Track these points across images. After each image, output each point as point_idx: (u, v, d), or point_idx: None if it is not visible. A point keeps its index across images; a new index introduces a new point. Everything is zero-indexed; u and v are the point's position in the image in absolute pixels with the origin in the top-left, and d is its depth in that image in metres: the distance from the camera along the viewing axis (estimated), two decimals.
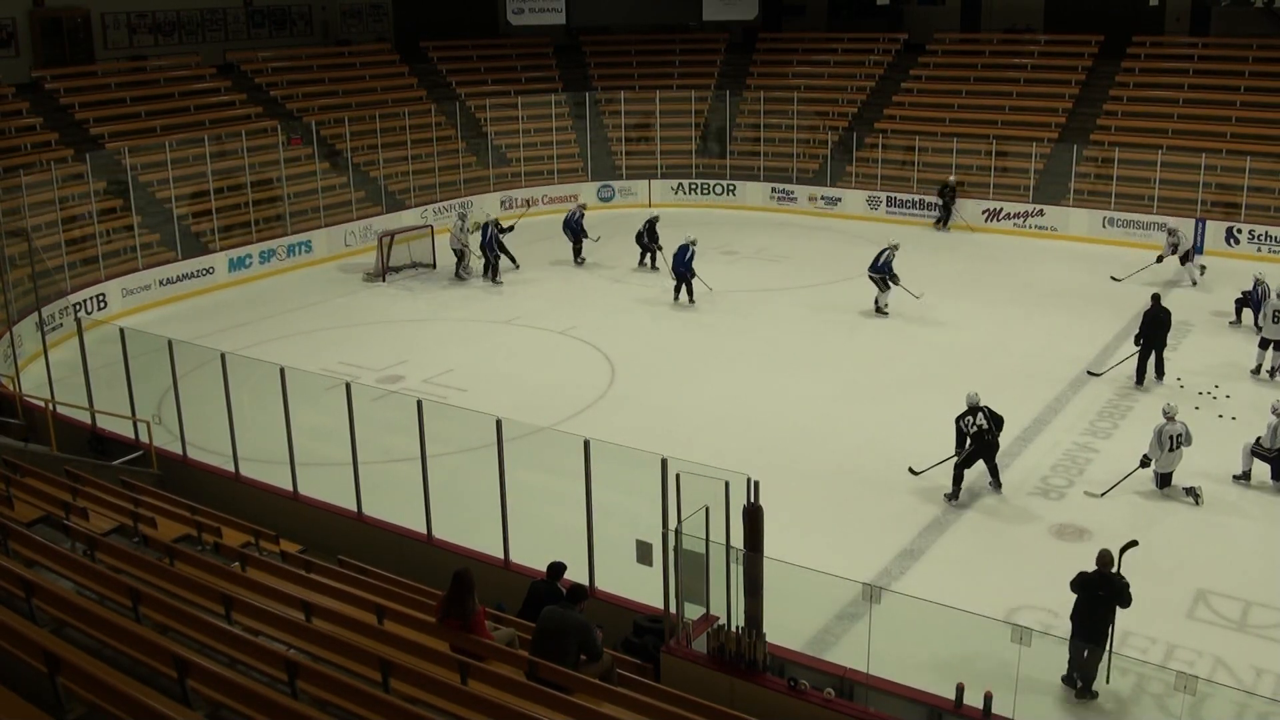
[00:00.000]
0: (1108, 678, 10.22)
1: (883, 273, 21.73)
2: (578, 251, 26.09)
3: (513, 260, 25.28)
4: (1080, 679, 10.27)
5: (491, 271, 24.57)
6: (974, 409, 14.36)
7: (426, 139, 31.00)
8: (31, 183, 22.13)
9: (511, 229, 25.23)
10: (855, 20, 36.84)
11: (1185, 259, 23.31)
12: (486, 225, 24.78)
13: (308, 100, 30.63)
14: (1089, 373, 18.43)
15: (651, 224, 25.42)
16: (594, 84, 35.16)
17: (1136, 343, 17.86)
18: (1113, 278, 19.41)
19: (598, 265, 25.98)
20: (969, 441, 14.24)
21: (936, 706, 8.59)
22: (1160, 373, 17.91)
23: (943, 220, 28.91)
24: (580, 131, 33.60)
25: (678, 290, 22.80)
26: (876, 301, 21.98)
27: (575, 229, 26.06)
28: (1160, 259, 22.21)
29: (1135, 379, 17.82)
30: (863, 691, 8.76)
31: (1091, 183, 28.56)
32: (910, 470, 14.95)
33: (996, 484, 14.55)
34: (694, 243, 22.72)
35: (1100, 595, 10.25)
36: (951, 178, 29.02)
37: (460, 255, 25.10)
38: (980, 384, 15.84)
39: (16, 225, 20.49)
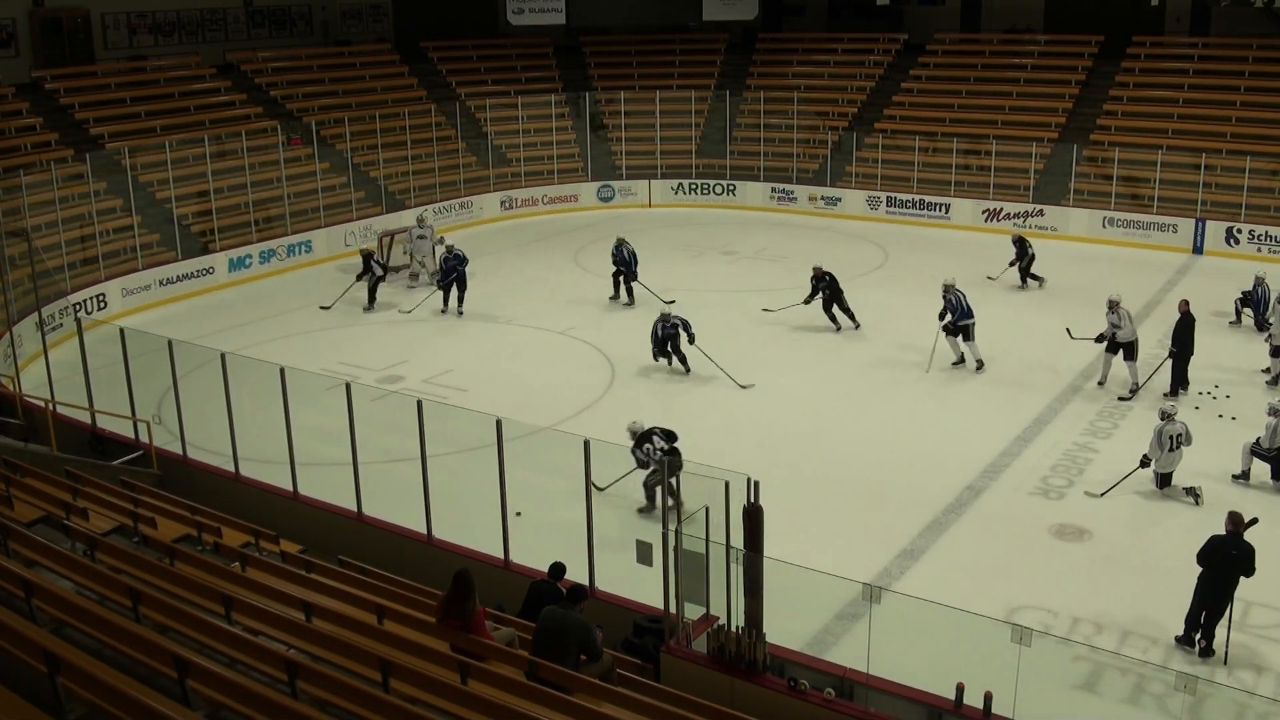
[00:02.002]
0: (1227, 639, 10.84)
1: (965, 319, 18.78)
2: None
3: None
4: (1202, 638, 10.95)
5: (444, 299, 22.51)
6: (646, 435, 13.69)
7: (426, 139, 31.00)
8: (31, 183, 22.14)
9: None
10: (855, 20, 36.84)
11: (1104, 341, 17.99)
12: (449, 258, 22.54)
13: (308, 100, 30.63)
14: (1099, 384, 17.84)
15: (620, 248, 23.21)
16: (594, 84, 35.16)
17: (1170, 353, 17.50)
18: (1068, 332, 18.54)
19: (598, 265, 25.96)
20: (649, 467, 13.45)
21: (936, 706, 8.59)
22: (1186, 382, 17.49)
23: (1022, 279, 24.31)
24: (580, 131, 33.61)
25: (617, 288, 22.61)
26: (963, 357, 18.75)
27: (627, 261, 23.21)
28: (1101, 339, 17.88)
29: (1172, 388, 17.30)
30: (863, 691, 8.75)
31: (1091, 183, 28.56)
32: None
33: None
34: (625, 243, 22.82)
35: (1233, 555, 10.88)
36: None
37: (405, 266, 24.83)
38: (980, 384, 15.89)
39: (16, 225, 20.50)
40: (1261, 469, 14.39)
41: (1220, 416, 16.62)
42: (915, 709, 8.66)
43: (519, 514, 11.45)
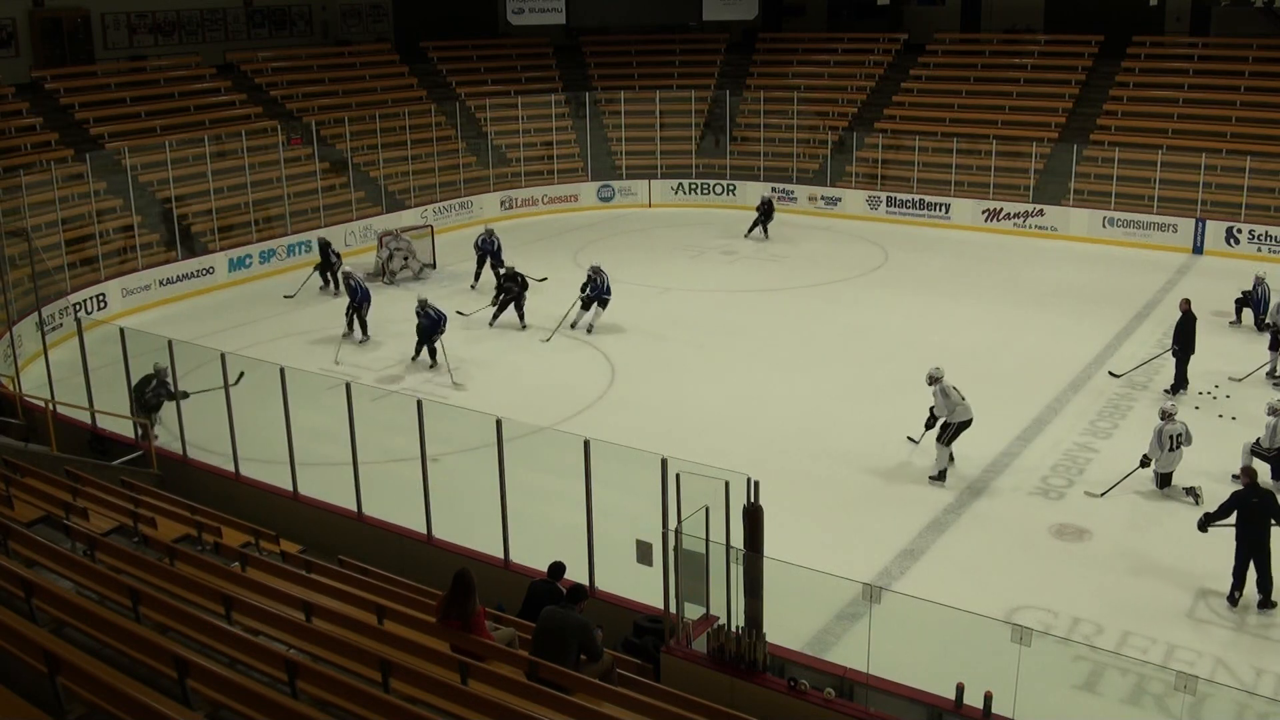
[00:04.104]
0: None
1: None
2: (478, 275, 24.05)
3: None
4: (1260, 592, 11.68)
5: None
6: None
7: (426, 139, 31.01)
8: (31, 183, 22.14)
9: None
10: (855, 20, 36.87)
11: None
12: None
13: (308, 100, 30.63)
14: (1110, 374, 18.27)
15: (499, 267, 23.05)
16: (594, 84, 35.16)
17: (1173, 352, 17.57)
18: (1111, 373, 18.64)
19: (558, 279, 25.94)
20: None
21: (936, 706, 8.59)
22: (1186, 381, 17.55)
23: None
24: (580, 131, 33.61)
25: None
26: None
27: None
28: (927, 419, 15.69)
29: (1172, 388, 17.41)
30: (863, 691, 8.75)
31: (1091, 183, 28.56)
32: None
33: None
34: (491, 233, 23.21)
35: (1254, 504, 11.61)
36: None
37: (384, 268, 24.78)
38: (981, 384, 15.88)
39: (16, 225, 20.50)
40: (1261, 469, 14.36)
41: (1220, 416, 16.62)
42: (915, 709, 8.65)
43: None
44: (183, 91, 28.82)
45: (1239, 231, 26.20)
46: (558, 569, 9.83)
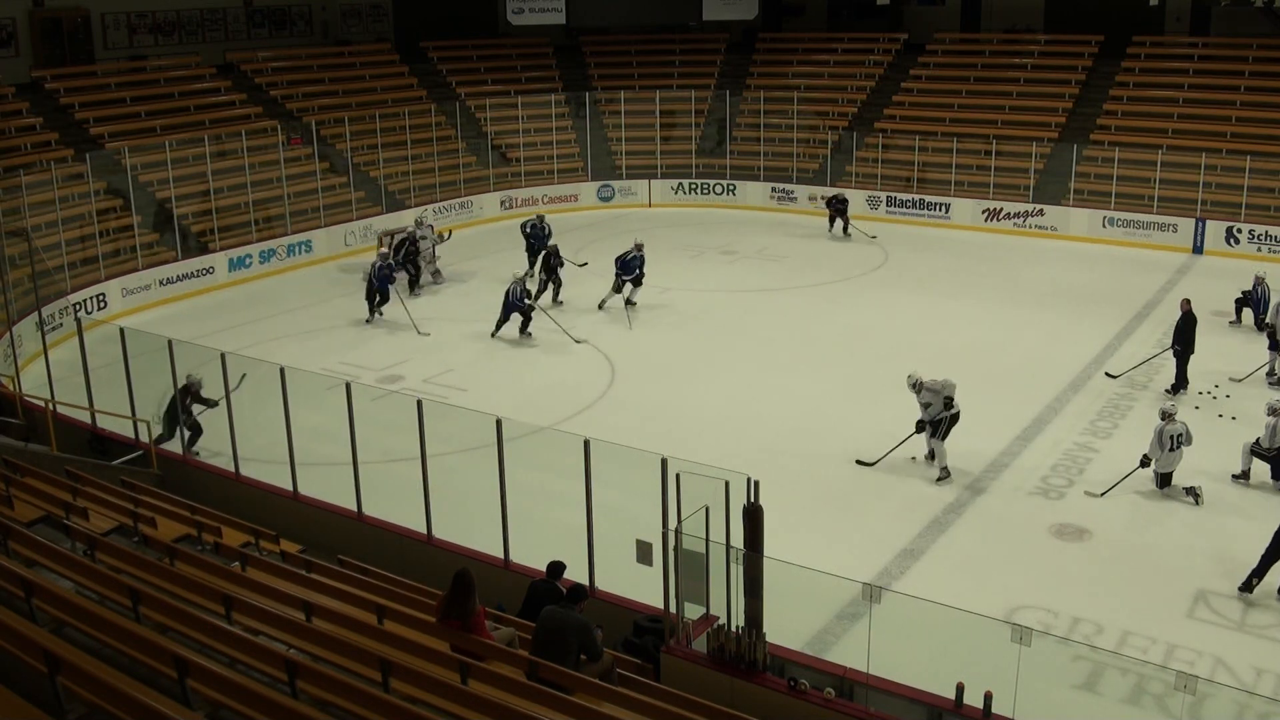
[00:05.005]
0: None
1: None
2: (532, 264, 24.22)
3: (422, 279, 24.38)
4: (1256, 575, 11.77)
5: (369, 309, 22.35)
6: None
7: (426, 139, 31.00)
8: (31, 183, 22.13)
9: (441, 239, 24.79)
10: (855, 20, 36.86)
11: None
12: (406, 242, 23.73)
13: (308, 100, 30.63)
14: (1107, 374, 18.26)
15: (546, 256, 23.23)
16: (594, 84, 35.16)
17: (1174, 352, 17.56)
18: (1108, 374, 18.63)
19: (598, 265, 25.94)
20: None
21: (936, 706, 8.59)
22: (1186, 381, 17.54)
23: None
24: (580, 131, 33.61)
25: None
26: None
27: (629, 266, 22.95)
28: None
29: (1173, 387, 17.41)
30: (863, 691, 8.75)
31: (1091, 183, 28.56)
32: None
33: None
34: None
35: None
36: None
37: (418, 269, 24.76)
38: (981, 384, 15.90)
39: (16, 225, 20.49)
40: (1261, 469, 14.39)
41: (1220, 416, 16.62)
42: (915, 709, 8.66)
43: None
44: (183, 91, 28.82)
45: (1239, 231, 26.20)
46: (557, 569, 9.83)
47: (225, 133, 27.38)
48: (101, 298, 22.72)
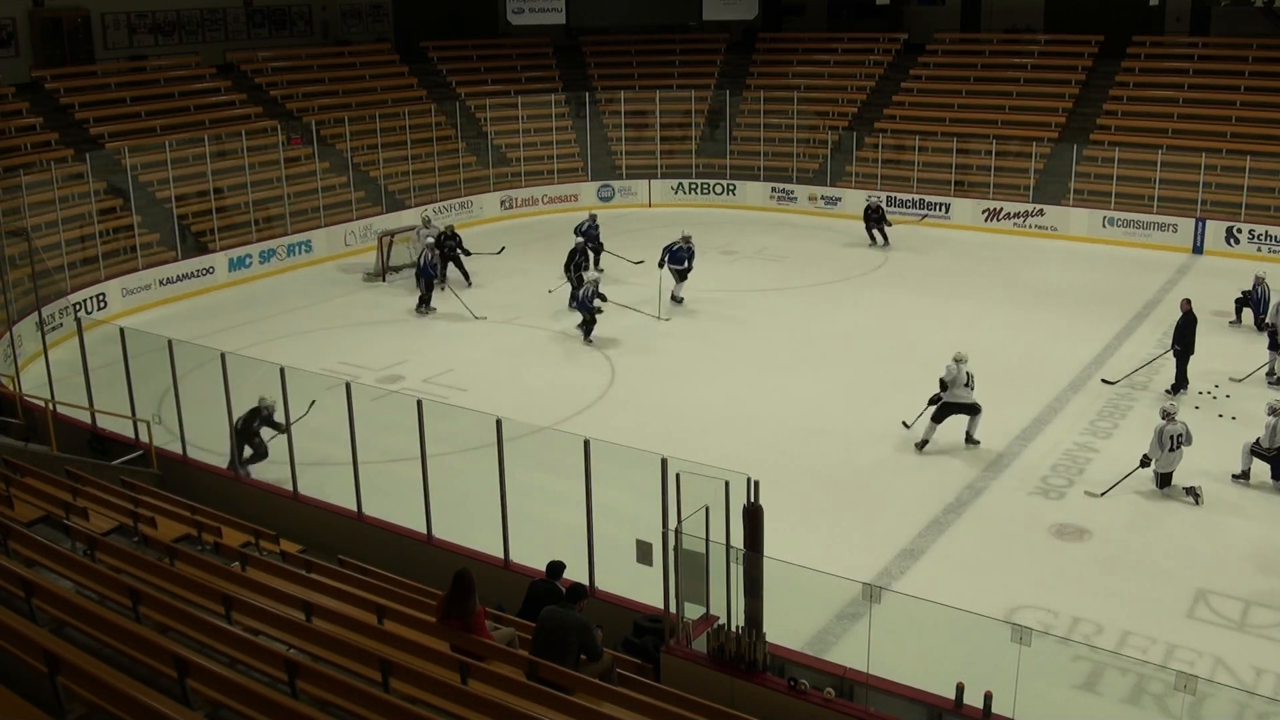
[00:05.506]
0: None
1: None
2: (596, 261, 24.62)
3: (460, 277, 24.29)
4: None
5: (419, 300, 22.87)
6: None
7: (426, 139, 31.00)
8: (31, 183, 22.13)
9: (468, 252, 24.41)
10: (855, 20, 36.86)
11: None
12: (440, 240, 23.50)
13: (308, 100, 30.63)
14: (1104, 381, 18.15)
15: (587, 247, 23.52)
16: (594, 84, 35.16)
17: (1174, 352, 17.54)
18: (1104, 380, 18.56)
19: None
20: None
21: (936, 706, 8.59)
22: (1186, 381, 17.54)
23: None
24: (580, 131, 33.61)
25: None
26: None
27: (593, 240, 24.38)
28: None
29: (1173, 387, 17.40)
30: (863, 691, 8.75)
31: (1091, 183, 28.56)
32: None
33: None
34: (689, 239, 22.89)
35: None
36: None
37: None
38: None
39: (16, 225, 20.49)
40: (1261, 469, 14.39)
41: (1220, 416, 16.62)
42: (915, 709, 8.65)
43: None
44: (183, 91, 28.82)
45: (1239, 231, 26.20)
46: (557, 568, 9.83)
47: (225, 133, 27.38)
48: (101, 298, 22.72)
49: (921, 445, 15.68)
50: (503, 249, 25.32)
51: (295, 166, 27.98)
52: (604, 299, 20.67)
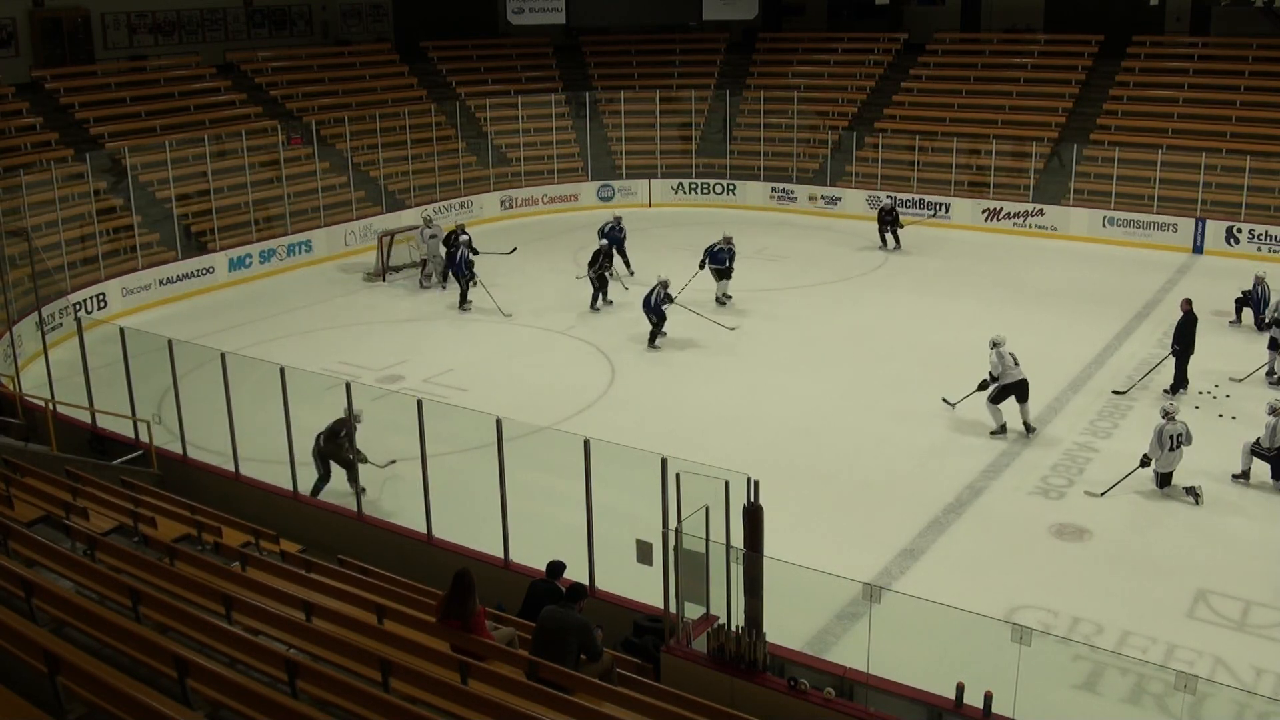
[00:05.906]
0: None
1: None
2: (626, 264, 24.58)
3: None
4: None
5: (460, 298, 22.99)
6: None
7: (426, 139, 31.00)
8: (31, 183, 22.13)
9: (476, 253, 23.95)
10: (855, 20, 36.85)
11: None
12: (457, 247, 23.16)
13: (308, 100, 30.63)
14: (1115, 392, 17.80)
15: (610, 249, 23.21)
16: (594, 84, 35.16)
17: (1174, 352, 17.50)
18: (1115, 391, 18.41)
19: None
20: None
21: (936, 706, 8.59)
22: (1186, 381, 17.51)
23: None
24: (580, 131, 33.61)
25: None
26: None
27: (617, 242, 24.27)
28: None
29: (1173, 387, 17.35)
30: (863, 691, 8.75)
31: (1091, 182, 28.56)
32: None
33: None
34: (729, 238, 23.03)
35: None
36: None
37: (423, 263, 24.81)
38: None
39: (16, 225, 20.49)
40: (1261, 469, 14.39)
41: (1220, 416, 16.62)
42: (915, 709, 8.65)
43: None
44: (183, 91, 28.81)
45: (1239, 231, 26.20)
46: (557, 568, 9.83)
47: (225, 132, 27.38)
48: (101, 298, 22.72)
49: (999, 431, 16.02)
50: (515, 249, 25.27)
51: (295, 166, 27.98)
52: (671, 300, 20.28)
